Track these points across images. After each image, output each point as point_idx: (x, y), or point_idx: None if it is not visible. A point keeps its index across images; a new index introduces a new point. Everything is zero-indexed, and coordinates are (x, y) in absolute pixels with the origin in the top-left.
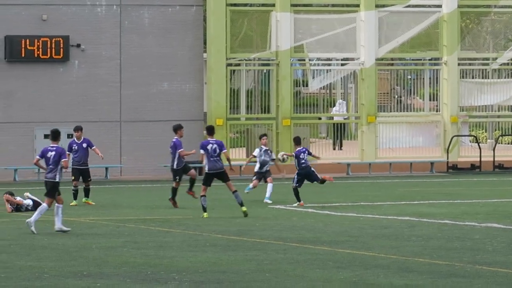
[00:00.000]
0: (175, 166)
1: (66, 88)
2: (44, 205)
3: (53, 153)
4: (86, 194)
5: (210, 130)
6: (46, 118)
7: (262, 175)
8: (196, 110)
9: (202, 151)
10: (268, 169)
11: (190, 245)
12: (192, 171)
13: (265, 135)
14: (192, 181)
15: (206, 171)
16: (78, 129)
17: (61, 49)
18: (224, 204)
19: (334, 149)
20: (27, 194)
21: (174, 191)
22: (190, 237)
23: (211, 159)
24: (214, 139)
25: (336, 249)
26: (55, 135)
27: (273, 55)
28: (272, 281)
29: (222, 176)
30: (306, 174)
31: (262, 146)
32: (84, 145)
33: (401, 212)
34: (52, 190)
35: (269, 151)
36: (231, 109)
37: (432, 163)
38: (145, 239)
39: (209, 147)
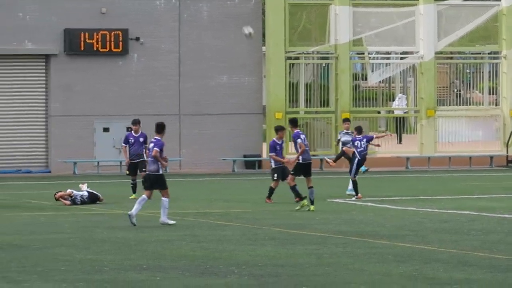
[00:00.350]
0: (273, 165)
1: (125, 81)
2: (143, 196)
3: (153, 145)
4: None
5: (295, 123)
6: (105, 111)
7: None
8: (255, 103)
9: (299, 140)
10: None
11: (249, 239)
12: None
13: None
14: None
15: (300, 161)
16: (136, 122)
17: (120, 42)
18: (283, 198)
19: (400, 143)
20: (83, 185)
21: (271, 190)
22: (249, 231)
23: (306, 149)
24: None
25: (396, 243)
26: (159, 128)
27: (332, 49)
28: (331, 274)
29: (309, 168)
30: (363, 161)
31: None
32: (141, 139)
33: (460, 206)
34: (158, 183)
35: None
36: (290, 103)
37: (491, 157)
38: (204, 233)
39: (302, 137)
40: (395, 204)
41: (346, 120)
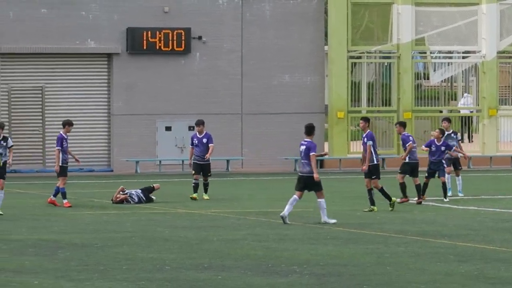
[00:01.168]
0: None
1: (188, 80)
2: (295, 197)
3: (304, 147)
4: (205, 190)
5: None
6: (167, 110)
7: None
8: (317, 102)
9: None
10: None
11: (311, 238)
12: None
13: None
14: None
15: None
16: (200, 123)
17: (183, 41)
18: (345, 196)
19: (471, 141)
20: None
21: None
22: (311, 230)
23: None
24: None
25: (457, 242)
26: (309, 130)
27: (394, 48)
28: (392, 274)
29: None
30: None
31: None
32: (204, 140)
33: None
34: (313, 184)
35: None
36: (352, 102)
37: None
38: (266, 232)
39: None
40: (456, 204)
41: (446, 119)
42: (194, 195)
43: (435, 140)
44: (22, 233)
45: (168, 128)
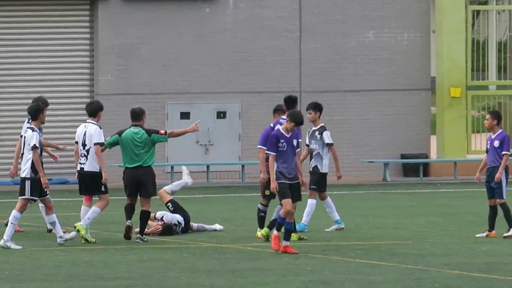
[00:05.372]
0: None
1: (215, 40)
2: None
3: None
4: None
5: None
6: (183, 88)
7: None
8: (419, 74)
9: None
10: None
11: (411, 287)
12: None
13: None
14: None
15: None
16: (278, 109)
17: None
18: (461, 221)
19: None
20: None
21: None
22: (410, 274)
23: None
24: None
25: None
26: None
27: None
28: None
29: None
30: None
31: None
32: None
33: None
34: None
35: None
36: (473, 73)
37: None
38: (339, 277)
39: None
40: None
41: None
42: (263, 232)
43: None
44: None
45: (185, 115)
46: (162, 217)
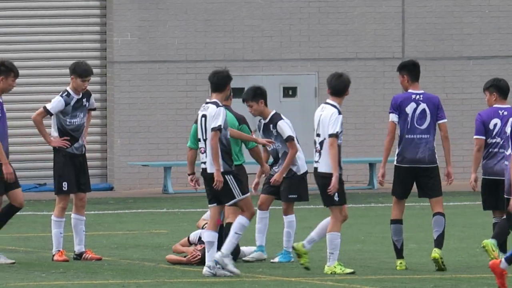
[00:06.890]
0: None
1: (269, 11)
2: None
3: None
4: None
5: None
6: (233, 55)
7: None
8: None
9: None
10: None
11: None
12: None
13: None
14: None
15: None
16: None
17: None
18: None
19: None
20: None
21: None
22: None
23: None
24: None
25: None
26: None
27: None
28: None
29: None
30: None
31: None
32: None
33: None
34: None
35: None
36: None
37: None
38: None
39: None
40: None
41: None
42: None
43: None
44: None
45: (237, 92)
46: (200, 238)
